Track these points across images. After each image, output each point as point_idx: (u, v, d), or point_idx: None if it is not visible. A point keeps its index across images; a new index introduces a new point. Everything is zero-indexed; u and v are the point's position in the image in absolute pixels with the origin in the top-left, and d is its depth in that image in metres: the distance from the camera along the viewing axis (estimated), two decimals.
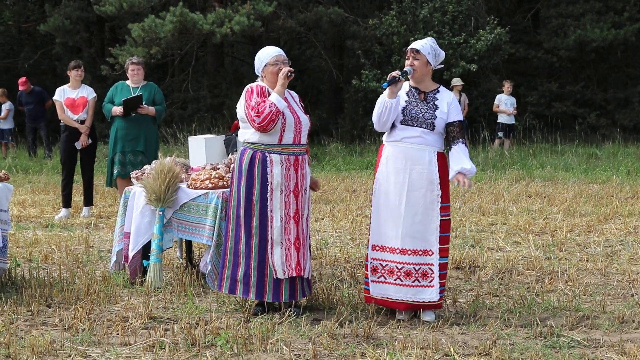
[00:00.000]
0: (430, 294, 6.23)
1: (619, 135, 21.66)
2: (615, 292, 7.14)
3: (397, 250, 6.24)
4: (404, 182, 6.23)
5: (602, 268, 7.96)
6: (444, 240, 6.28)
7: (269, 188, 6.28)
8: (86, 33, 26.82)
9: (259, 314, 6.38)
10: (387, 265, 6.28)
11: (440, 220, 6.24)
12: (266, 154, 6.30)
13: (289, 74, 6.29)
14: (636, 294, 7.05)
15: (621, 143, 20.81)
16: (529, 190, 13.35)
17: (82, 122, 11.30)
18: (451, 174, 6.33)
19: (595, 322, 6.17)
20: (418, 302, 6.26)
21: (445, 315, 6.38)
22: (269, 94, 6.31)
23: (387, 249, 6.29)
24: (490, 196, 12.69)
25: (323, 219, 11.05)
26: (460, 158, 6.31)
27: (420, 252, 6.23)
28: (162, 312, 6.52)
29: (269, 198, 6.29)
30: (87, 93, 11.39)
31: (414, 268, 6.23)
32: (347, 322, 6.14)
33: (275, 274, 6.29)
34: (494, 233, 9.85)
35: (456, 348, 5.57)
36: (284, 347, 5.57)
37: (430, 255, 6.23)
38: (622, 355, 5.40)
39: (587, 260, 8.35)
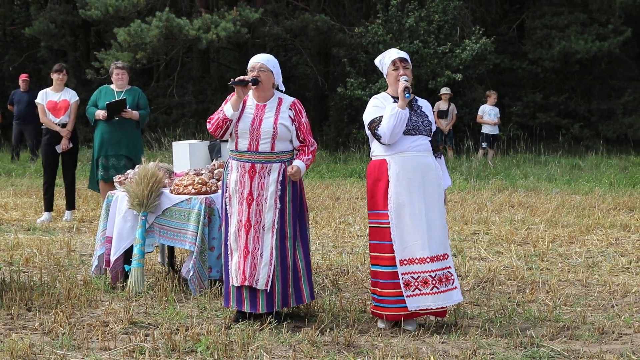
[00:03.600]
0: (458, 296, 6.28)
1: (602, 147, 21.75)
2: (596, 303, 7.16)
3: (428, 260, 6.18)
4: (420, 191, 6.23)
5: (583, 279, 7.99)
6: None
7: (227, 194, 6.38)
8: (71, 37, 26.75)
9: (240, 320, 6.37)
10: (419, 276, 6.18)
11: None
12: (229, 161, 6.43)
13: (237, 82, 6.23)
14: (616, 305, 7.07)
15: (604, 154, 20.90)
16: (512, 200, 13.39)
17: (64, 125, 11.26)
18: (444, 187, 6.46)
19: (575, 332, 6.19)
20: (447, 305, 6.32)
21: (426, 324, 6.38)
22: (245, 102, 6.38)
23: (417, 261, 6.19)
24: (473, 206, 12.72)
25: None
26: (445, 172, 6.49)
27: (441, 257, 6.26)
28: (143, 317, 6.50)
29: (227, 203, 6.38)
30: (70, 96, 11.35)
31: (443, 273, 6.24)
32: (328, 330, 6.14)
33: (232, 281, 6.33)
34: (476, 242, 9.87)
35: (436, 357, 5.57)
36: (265, 354, 5.56)
37: (447, 259, 6.27)
38: None
39: (569, 271, 8.38)
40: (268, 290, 6.28)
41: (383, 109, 6.26)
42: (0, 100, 24.58)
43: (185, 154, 8.31)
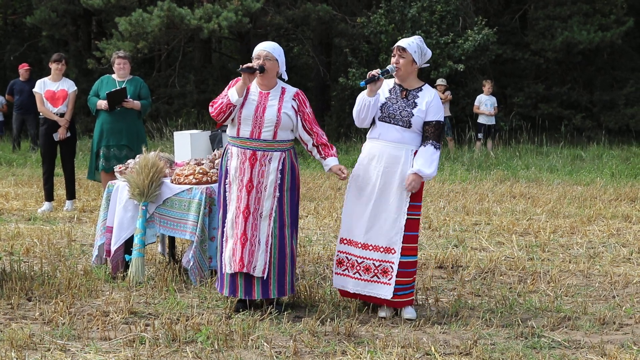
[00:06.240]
0: (386, 292, 6.26)
1: (604, 138, 21.72)
2: (597, 293, 7.16)
3: (360, 245, 6.32)
4: (377, 180, 6.28)
5: (585, 269, 7.98)
6: (410, 239, 6.29)
7: (227, 180, 6.37)
8: (73, 26, 26.68)
9: (240, 310, 6.37)
10: (351, 258, 6.37)
11: (407, 219, 6.26)
12: (228, 147, 6.42)
13: (245, 69, 6.23)
14: (617, 295, 7.07)
15: (606, 145, 20.88)
16: (514, 191, 13.38)
17: (62, 115, 11.24)
18: (408, 171, 6.24)
19: (576, 323, 6.19)
20: (373, 296, 6.35)
21: (426, 314, 6.38)
22: (248, 89, 6.35)
23: (353, 243, 6.36)
24: (475, 196, 12.71)
25: (307, 216, 11.03)
26: (424, 159, 6.22)
27: (382, 249, 6.27)
28: (143, 307, 6.50)
29: (227, 190, 6.37)
30: (68, 86, 11.34)
31: (373, 264, 6.28)
32: (329, 320, 6.14)
33: (224, 268, 6.34)
34: (478, 233, 9.87)
35: (437, 347, 5.57)
36: (265, 344, 5.56)
37: (392, 254, 6.26)
38: (602, 356, 5.42)
39: (570, 262, 8.37)
40: (264, 278, 6.29)
41: None
42: (2, 90, 24.57)
43: (187, 143, 8.30)
